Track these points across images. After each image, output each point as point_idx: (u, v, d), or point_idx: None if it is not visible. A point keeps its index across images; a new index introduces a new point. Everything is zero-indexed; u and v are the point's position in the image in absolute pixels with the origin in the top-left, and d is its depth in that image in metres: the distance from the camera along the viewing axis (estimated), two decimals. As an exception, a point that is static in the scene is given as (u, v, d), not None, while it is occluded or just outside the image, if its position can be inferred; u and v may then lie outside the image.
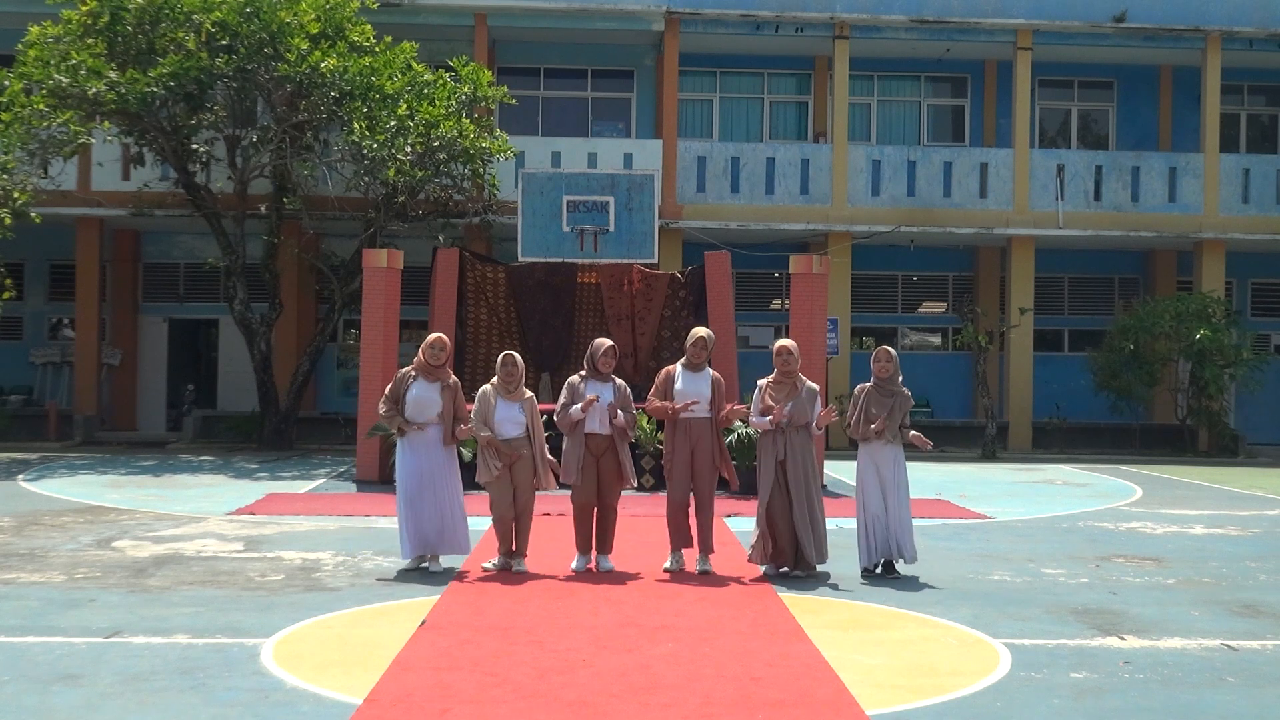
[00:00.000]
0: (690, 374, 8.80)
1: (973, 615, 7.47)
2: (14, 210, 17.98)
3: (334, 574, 8.64)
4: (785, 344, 8.85)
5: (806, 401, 8.70)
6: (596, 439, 8.66)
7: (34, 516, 11.55)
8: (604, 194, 17.42)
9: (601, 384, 8.73)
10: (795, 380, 8.73)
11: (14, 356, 23.25)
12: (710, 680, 5.82)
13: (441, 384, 8.73)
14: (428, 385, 8.70)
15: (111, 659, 6.09)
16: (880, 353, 8.93)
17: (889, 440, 8.75)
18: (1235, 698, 5.75)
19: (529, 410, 8.68)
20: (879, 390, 8.83)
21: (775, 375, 8.79)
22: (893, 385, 8.84)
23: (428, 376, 8.72)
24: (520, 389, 8.71)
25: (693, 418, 8.73)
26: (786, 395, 8.68)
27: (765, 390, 8.77)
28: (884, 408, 8.75)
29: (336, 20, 18.78)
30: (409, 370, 8.82)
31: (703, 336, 8.87)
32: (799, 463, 8.63)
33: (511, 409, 8.61)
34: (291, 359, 21.28)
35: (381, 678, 5.76)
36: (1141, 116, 25.01)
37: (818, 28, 22.74)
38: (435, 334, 8.97)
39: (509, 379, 8.64)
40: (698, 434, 8.74)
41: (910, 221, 22.45)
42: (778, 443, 8.65)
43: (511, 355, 8.78)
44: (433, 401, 8.66)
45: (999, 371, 23.34)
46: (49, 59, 17.67)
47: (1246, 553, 10.40)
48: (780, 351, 8.77)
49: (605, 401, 8.62)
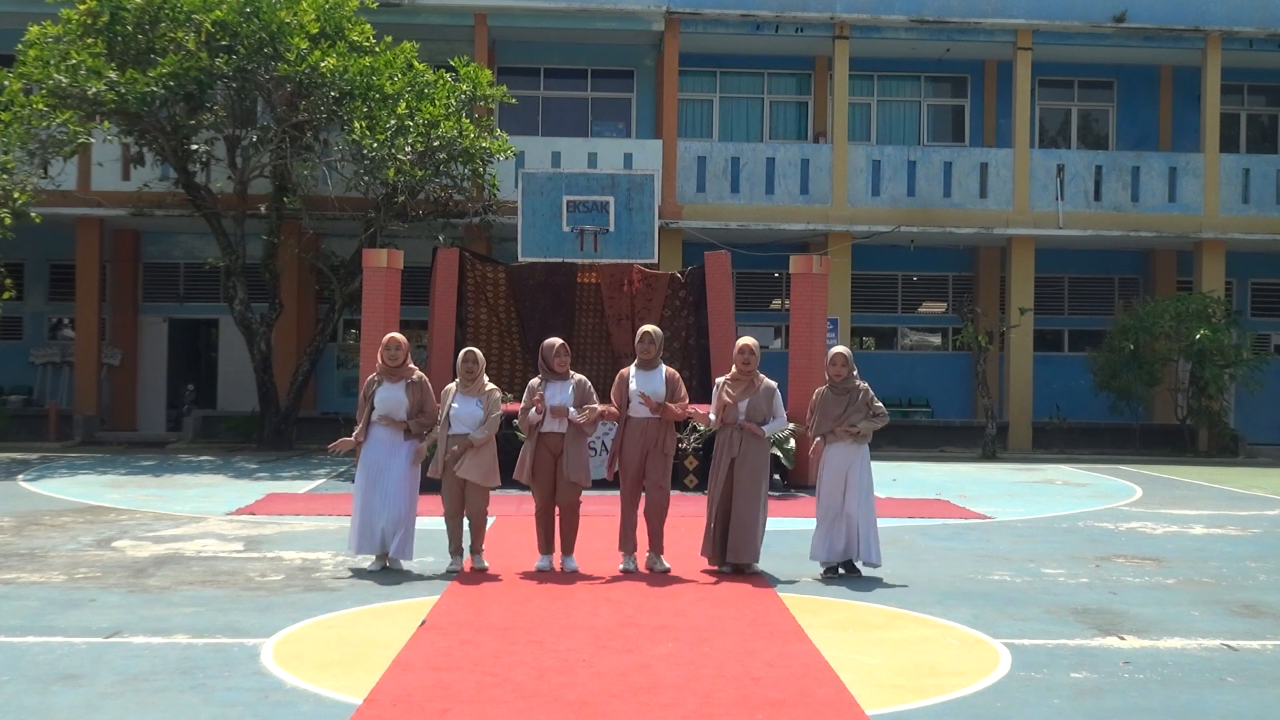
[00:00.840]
0: (643, 373, 8.80)
1: (973, 615, 7.47)
2: (14, 210, 17.98)
3: (334, 574, 8.64)
4: (747, 342, 8.87)
5: (763, 399, 8.72)
6: (554, 438, 8.63)
7: (34, 516, 11.55)
8: (604, 194, 17.41)
9: (560, 383, 8.70)
10: (753, 378, 8.76)
11: (14, 356, 23.25)
12: (710, 680, 5.82)
13: (405, 382, 8.79)
14: (392, 386, 8.77)
15: (111, 659, 6.09)
16: (836, 356, 8.93)
17: (852, 440, 8.77)
18: (1235, 698, 5.75)
19: (485, 404, 8.68)
20: (833, 390, 8.86)
21: (734, 372, 8.83)
22: (847, 384, 8.85)
23: (390, 377, 8.79)
24: (479, 383, 8.73)
25: (645, 417, 8.72)
26: (743, 392, 8.72)
27: (723, 387, 8.83)
28: (839, 407, 8.78)
29: (336, 20, 18.78)
30: (374, 375, 8.88)
31: (648, 331, 8.88)
32: (749, 461, 8.66)
33: (469, 403, 8.64)
34: (291, 359, 21.28)
35: (381, 678, 5.76)
36: (1141, 116, 25.00)
37: (818, 28, 22.74)
38: (390, 334, 9.06)
39: (467, 374, 8.69)
40: (652, 434, 8.74)
41: (910, 221, 22.45)
42: (733, 440, 8.69)
43: (472, 351, 8.86)
44: (399, 401, 8.72)
45: (999, 371, 23.33)
46: (49, 59, 17.67)
47: (1246, 553, 10.40)
48: (742, 349, 8.79)
49: (556, 401, 8.56)
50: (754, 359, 8.79)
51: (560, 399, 8.59)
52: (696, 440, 14.25)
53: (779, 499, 13.69)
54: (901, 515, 12.49)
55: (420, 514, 9.00)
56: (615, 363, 15.83)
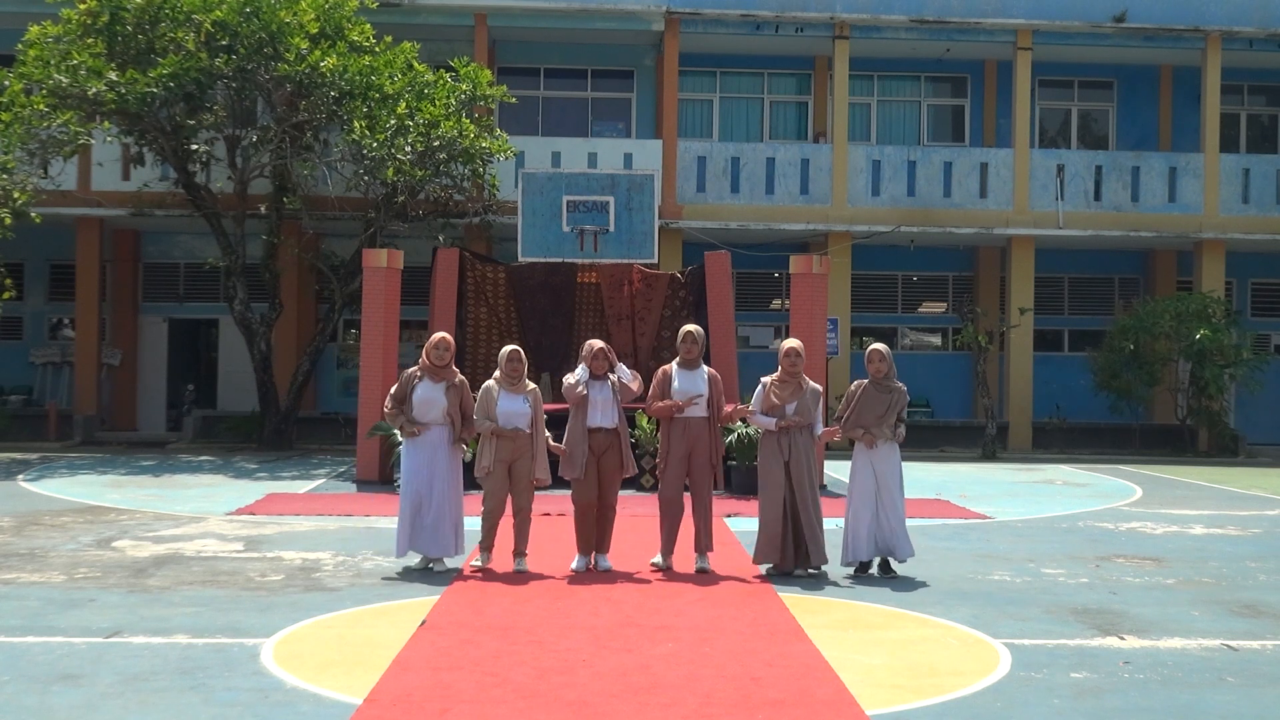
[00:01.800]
0: (686, 372, 8.81)
1: (973, 615, 7.47)
2: (14, 210, 17.97)
3: (334, 574, 8.64)
4: (794, 345, 8.85)
5: (810, 402, 8.72)
6: (598, 435, 8.66)
7: (34, 516, 11.55)
8: (604, 194, 17.41)
9: (599, 383, 8.73)
10: (800, 380, 8.74)
11: (14, 356, 23.24)
12: (710, 680, 5.82)
13: (447, 384, 8.75)
14: (433, 385, 8.72)
15: (111, 659, 6.09)
16: (873, 353, 8.92)
17: (885, 439, 8.77)
18: (1235, 698, 5.75)
19: (533, 402, 8.70)
20: (876, 388, 8.84)
21: (780, 374, 8.79)
22: (889, 382, 8.85)
23: (433, 377, 8.74)
24: (523, 382, 8.75)
25: (690, 416, 8.73)
26: (790, 395, 8.69)
27: (770, 389, 8.77)
28: (881, 405, 8.76)
29: (336, 20, 18.78)
30: (414, 370, 8.83)
31: (691, 331, 8.88)
32: (802, 463, 8.65)
33: (515, 401, 8.63)
34: (291, 359, 21.28)
35: (381, 678, 5.76)
36: (1141, 116, 25.00)
37: (818, 28, 22.74)
38: (439, 334, 8.99)
39: (513, 373, 8.67)
40: (696, 433, 8.74)
41: (910, 221, 22.45)
42: (782, 444, 8.66)
43: (517, 350, 8.82)
44: (438, 401, 8.68)
45: (999, 371, 23.33)
46: (49, 59, 17.66)
47: (1246, 553, 10.40)
48: (789, 352, 8.76)
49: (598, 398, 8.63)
50: (800, 361, 8.77)
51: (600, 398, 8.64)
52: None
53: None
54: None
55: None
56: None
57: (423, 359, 8.80)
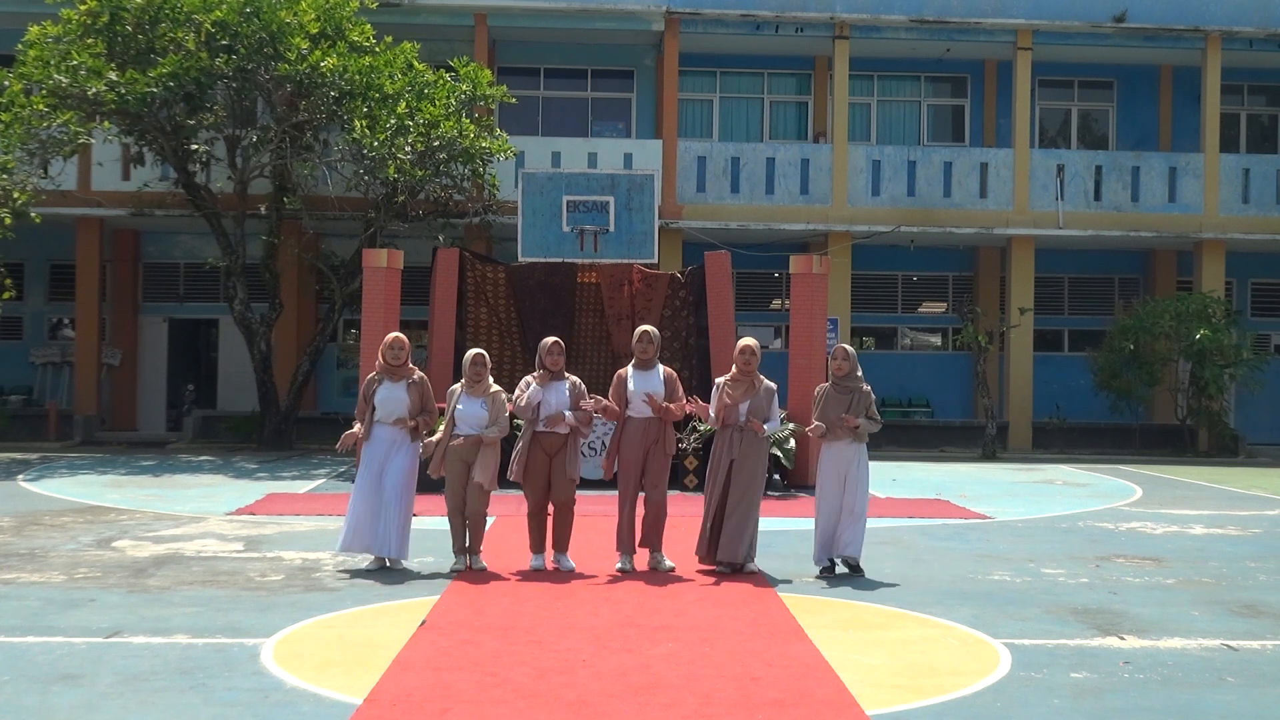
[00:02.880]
0: (641, 373, 8.80)
1: (973, 615, 7.47)
2: (14, 210, 17.97)
3: (334, 574, 8.64)
4: (749, 343, 8.86)
5: (764, 400, 8.73)
6: (549, 438, 8.64)
7: (34, 516, 11.55)
8: (604, 194, 17.42)
9: (555, 383, 8.71)
10: (754, 379, 8.76)
11: (14, 356, 23.24)
12: (710, 680, 5.82)
13: (406, 382, 8.81)
14: (393, 385, 8.78)
15: (111, 659, 6.09)
16: (837, 350, 8.93)
17: (851, 440, 8.76)
18: (1235, 698, 5.75)
19: (491, 405, 8.69)
20: (836, 389, 8.86)
21: (734, 373, 8.82)
22: (850, 382, 8.85)
23: (391, 376, 8.80)
24: (484, 384, 8.74)
25: (643, 416, 8.71)
26: (743, 394, 8.71)
27: (723, 388, 8.81)
28: (841, 406, 8.77)
29: (336, 20, 18.78)
30: (374, 374, 8.88)
31: (646, 331, 8.87)
32: (748, 463, 8.66)
33: (474, 404, 8.64)
34: (291, 359, 21.28)
35: (381, 678, 5.76)
36: (1141, 116, 25.00)
37: (818, 28, 22.74)
38: (392, 334, 9.07)
39: (474, 376, 8.70)
40: (653, 433, 8.74)
41: (910, 221, 22.45)
42: (732, 441, 8.69)
43: (480, 354, 8.84)
44: (399, 400, 8.73)
45: (999, 371, 23.33)
46: (49, 59, 17.66)
47: (1246, 553, 10.40)
48: (744, 350, 8.78)
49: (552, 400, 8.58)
50: (755, 360, 8.78)
51: (555, 399, 8.60)
52: (696, 440, 14.24)
53: (779, 499, 13.70)
54: (901, 515, 12.50)
55: (421, 513, 8.99)
56: (615, 362, 15.83)
57: (379, 360, 8.87)
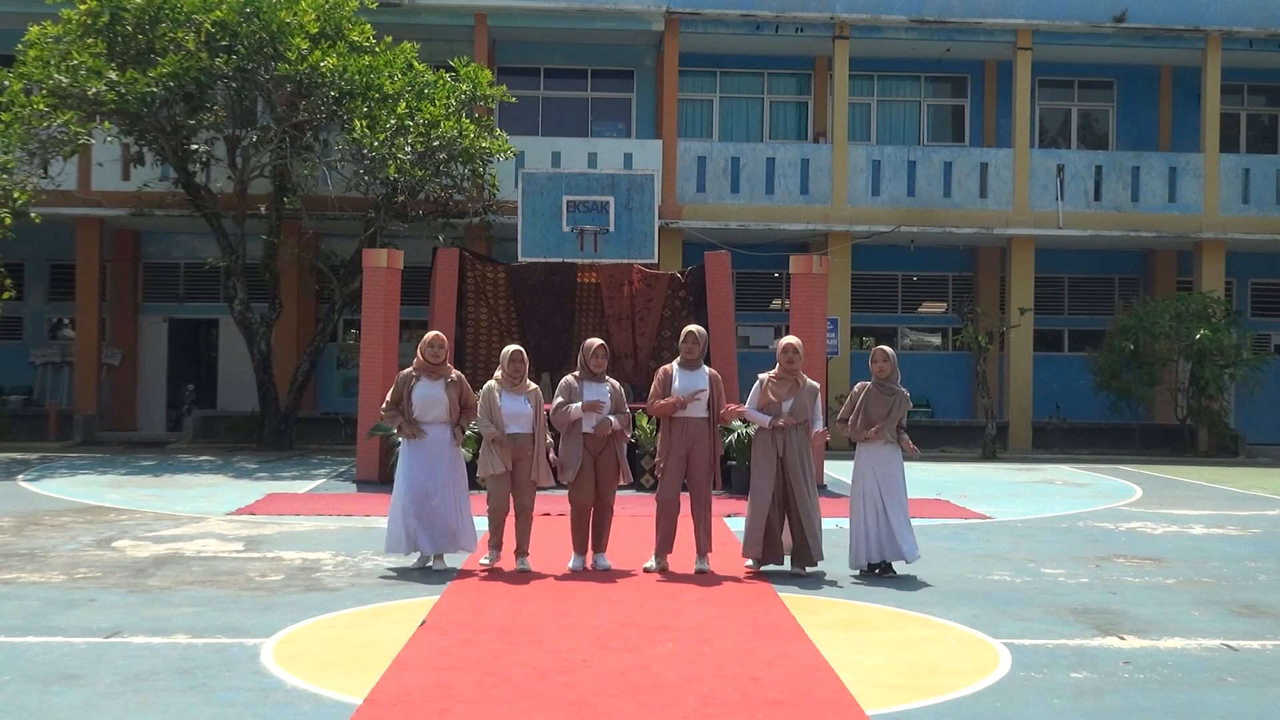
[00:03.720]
0: (687, 372, 8.80)
1: (973, 615, 7.47)
2: (14, 210, 17.98)
3: (334, 574, 8.64)
4: (792, 341, 8.84)
5: (807, 399, 8.70)
6: (594, 438, 8.66)
7: (34, 516, 11.54)
8: (604, 194, 17.42)
9: (597, 384, 8.72)
10: (797, 377, 8.73)
11: (14, 356, 23.24)
12: (710, 680, 5.82)
13: (445, 380, 8.79)
14: (431, 384, 8.77)
15: (111, 659, 6.09)
16: (877, 353, 8.92)
17: (887, 440, 8.76)
18: (1235, 698, 5.75)
19: (534, 402, 8.71)
20: (879, 389, 8.83)
21: (778, 371, 8.77)
22: (892, 384, 8.85)
23: (430, 375, 8.78)
24: (525, 382, 8.76)
25: (690, 417, 8.72)
26: (787, 392, 8.68)
27: (767, 385, 8.76)
28: (884, 407, 8.75)
29: (336, 20, 18.78)
30: (410, 371, 8.85)
31: (693, 331, 8.86)
32: (797, 460, 8.63)
33: (517, 402, 8.64)
34: (291, 359, 21.28)
35: (381, 678, 5.76)
36: (1141, 116, 25.00)
37: (818, 28, 22.74)
38: (433, 332, 9.05)
39: (515, 374, 8.68)
40: (695, 433, 8.73)
41: (910, 221, 22.45)
42: (777, 439, 8.65)
43: (519, 351, 8.81)
44: (438, 399, 8.72)
45: (999, 371, 23.34)
46: (49, 59, 17.66)
47: (1246, 553, 10.40)
48: (786, 349, 8.75)
49: (605, 409, 8.61)
50: (798, 358, 8.75)
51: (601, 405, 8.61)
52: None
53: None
54: (901, 515, 12.49)
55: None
56: (615, 363, 15.83)
57: (418, 358, 8.84)
